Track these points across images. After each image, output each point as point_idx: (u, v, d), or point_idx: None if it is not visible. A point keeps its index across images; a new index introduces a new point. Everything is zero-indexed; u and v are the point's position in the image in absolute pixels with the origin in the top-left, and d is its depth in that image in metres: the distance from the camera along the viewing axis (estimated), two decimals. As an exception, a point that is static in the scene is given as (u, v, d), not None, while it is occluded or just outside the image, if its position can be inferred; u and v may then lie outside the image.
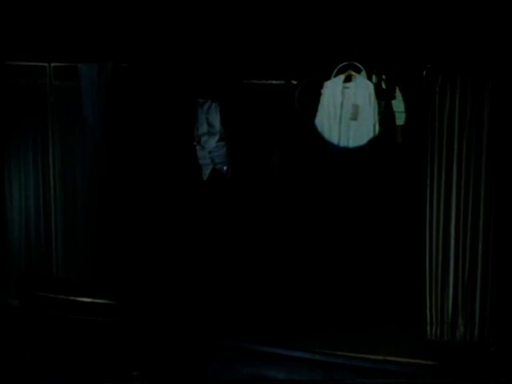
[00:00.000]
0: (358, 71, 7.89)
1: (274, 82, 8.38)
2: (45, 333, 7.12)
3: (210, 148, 8.47)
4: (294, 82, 8.30)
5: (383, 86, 8.02)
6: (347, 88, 7.89)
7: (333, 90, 7.93)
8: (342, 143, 7.92)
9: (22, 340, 7.31)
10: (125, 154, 8.57)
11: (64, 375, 6.83)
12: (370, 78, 7.93)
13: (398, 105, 8.01)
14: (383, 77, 8.02)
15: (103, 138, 8.50)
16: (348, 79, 7.89)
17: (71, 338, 7.01)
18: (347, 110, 7.89)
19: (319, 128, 7.98)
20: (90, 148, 8.63)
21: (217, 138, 8.43)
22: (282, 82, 8.35)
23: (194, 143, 8.54)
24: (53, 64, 8.54)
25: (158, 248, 8.55)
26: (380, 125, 7.81)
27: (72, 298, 7.06)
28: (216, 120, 8.42)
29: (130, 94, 8.44)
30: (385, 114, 7.94)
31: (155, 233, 8.57)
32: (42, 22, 8.34)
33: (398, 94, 7.99)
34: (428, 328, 7.48)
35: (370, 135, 7.80)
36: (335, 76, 7.95)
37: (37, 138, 8.73)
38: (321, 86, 7.98)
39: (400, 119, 8.04)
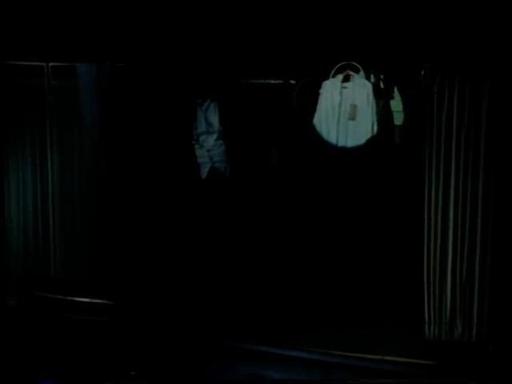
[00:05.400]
0: (356, 71, 7.89)
1: (272, 81, 8.39)
2: (43, 333, 7.11)
3: (209, 146, 8.48)
4: (293, 82, 8.32)
5: (381, 85, 8.03)
6: (345, 88, 7.89)
7: (331, 90, 7.93)
8: (341, 143, 7.93)
9: (19, 340, 7.31)
10: (123, 154, 8.58)
11: (62, 375, 6.82)
12: (368, 78, 7.93)
13: (397, 104, 8.02)
14: (381, 76, 8.03)
15: (101, 137, 8.49)
16: (346, 79, 7.89)
17: (69, 338, 7.01)
18: (345, 110, 7.88)
19: (317, 128, 7.99)
20: (88, 148, 8.64)
21: (215, 136, 8.43)
22: (281, 81, 8.37)
23: (193, 142, 8.53)
24: (51, 64, 8.53)
25: (157, 248, 8.55)
26: (378, 124, 7.82)
27: (70, 298, 7.06)
28: (215, 119, 8.42)
29: (128, 94, 8.43)
30: (383, 113, 7.95)
31: (153, 232, 8.57)
32: (40, 22, 8.33)
33: (396, 93, 8.00)
34: (426, 328, 7.49)
35: (369, 135, 7.80)
36: (333, 76, 7.95)
37: (35, 137, 8.72)
38: (319, 86, 7.98)
39: (398, 119, 8.05)
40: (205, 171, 8.53)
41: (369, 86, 7.82)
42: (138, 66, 8.45)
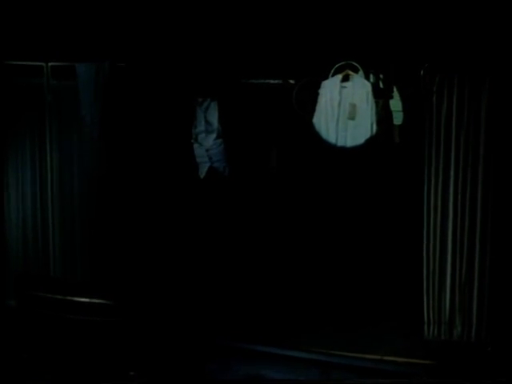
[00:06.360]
0: (356, 71, 7.88)
1: (271, 81, 8.39)
2: (42, 333, 7.12)
3: (208, 146, 8.47)
4: (292, 82, 8.31)
5: (381, 85, 8.02)
6: (345, 87, 7.88)
7: (330, 90, 7.92)
8: (340, 143, 7.92)
9: (19, 340, 7.31)
10: (122, 153, 8.58)
11: (61, 375, 6.83)
12: (367, 78, 7.92)
13: (396, 104, 8.02)
14: (381, 76, 8.02)
15: (101, 137, 8.49)
16: (345, 79, 7.88)
17: (68, 338, 7.02)
18: (345, 110, 7.88)
19: (317, 127, 7.97)
20: (88, 147, 8.63)
21: (214, 135, 8.43)
22: (280, 81, 8.36)
23: (192, 141, 8.53)
24: (50, 63, 8.54)
25: (156, 247, 8.55)
26: (377, 124, 7.81)
27: (69, 298, 7.06)
28: (214, 118, 8.42)
29: (127, 94, 8.44)
30: (382, 113, 7.94)
31: (152, 232, 8.57)
32: (40, 22, 8.33)
33: (395, 93, 7.99)
34: (425, 328, 7.49)
35: (368, 135, 7.80)
36: (333, 75, 7.94)
37: (34, 137, 8.73)
38: (318, 86, 7.97)
39: (397, 119, 8.05)
40: (203, 171, 8.52)
41: (368, 86, 7.82)
42: (137, 65, 8.45)
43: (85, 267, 8.72)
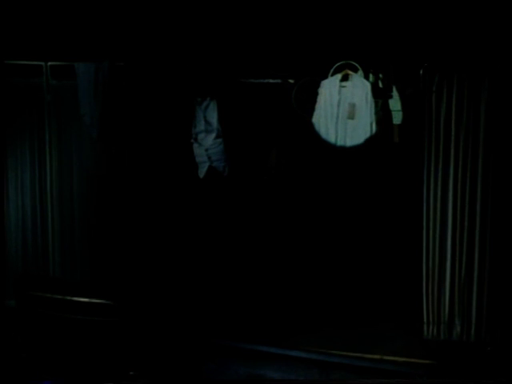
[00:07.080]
0: (355, 70, 7.89)
1: (271, 80, 8.39)
2: (42, 333, 7.12)
3: (207, 145, 8.47)
4: (291, 81, 8.32)
5: (380, 85, 8.04)
6: (344, 87, 7.90)
7: (330, 89, 7.93)
8: (339, 142, 7.93)
9: (18, 340, 7.31)
10: (122, 153, 8.58)
11: (61, 375, 6.83)
12: (366, 77, 7.93)
13: (395, 104, 8.02)
14: (380, 76, 8.03)
15: (100, 137, 8.50)
16: (345, 78, 7.89)
17: (68, 338, 7.02)
18: (344, 109, 7.89)
19: (316, 127, 7.99)
20: (87, 147, 8.64)
21: (214, 135, 8.44)
22: (279, 81, 8.37)
23: (191, 140, 8.53)
24: (49, 63, 8.54)
25: (155, 247, 8.55)
26: (377, 124, 7.83)
27: (69, 297, 7.06)
28: (213, 118, 8.43)
29: (126, 93, 8.44)
30: (382, 113, 7.95)
31: (152, 232, 8.57)
32: (39, 21, 8.33)
33: (394, 93, 8.00)
34: (425, 327, 7.48)
35: (367, 134, 7.81)
36: (332, 75, 7.95)
37: (33, 137, 8.72)
38: (318, 85, 7.98)
39: (397, 118, 8.05)
40: (203, 170, 8.52)
41: (367, 86, 7.82)
42: (136, 65, 8.45)
43: (84, 267, 8.72)
